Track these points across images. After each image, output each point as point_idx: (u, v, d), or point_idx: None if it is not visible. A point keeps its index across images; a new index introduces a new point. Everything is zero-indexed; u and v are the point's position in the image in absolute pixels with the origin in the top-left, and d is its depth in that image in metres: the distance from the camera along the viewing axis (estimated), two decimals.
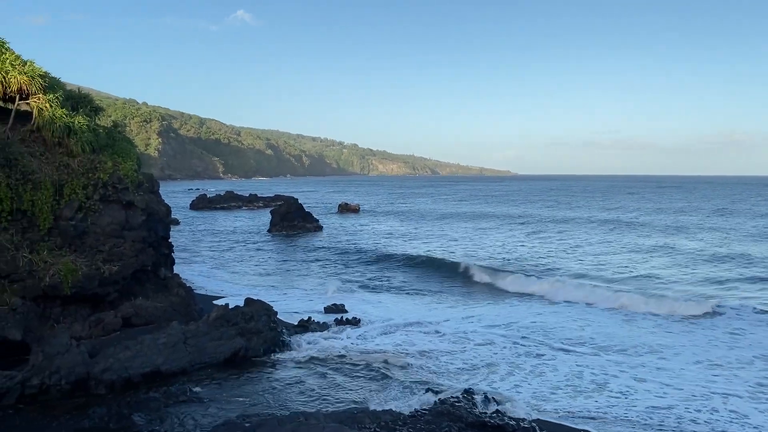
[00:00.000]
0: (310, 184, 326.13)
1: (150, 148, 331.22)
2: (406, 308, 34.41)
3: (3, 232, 24.32)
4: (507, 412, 18.33)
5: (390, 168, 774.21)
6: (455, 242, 65.96)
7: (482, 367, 23.46)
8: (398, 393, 20.54)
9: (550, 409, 19.32)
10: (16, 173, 24.78)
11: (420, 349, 25.92)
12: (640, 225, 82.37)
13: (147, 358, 21.53)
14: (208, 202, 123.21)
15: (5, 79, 26.32)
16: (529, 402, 19.82)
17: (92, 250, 25.85)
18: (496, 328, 29.64)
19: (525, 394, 20.55)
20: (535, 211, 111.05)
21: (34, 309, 23.76)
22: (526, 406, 19.39)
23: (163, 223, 30.16)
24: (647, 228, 78.30)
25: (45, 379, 19.73)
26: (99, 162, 26.90)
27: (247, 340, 24.03)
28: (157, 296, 28.22)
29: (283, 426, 15.38)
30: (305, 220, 79.58)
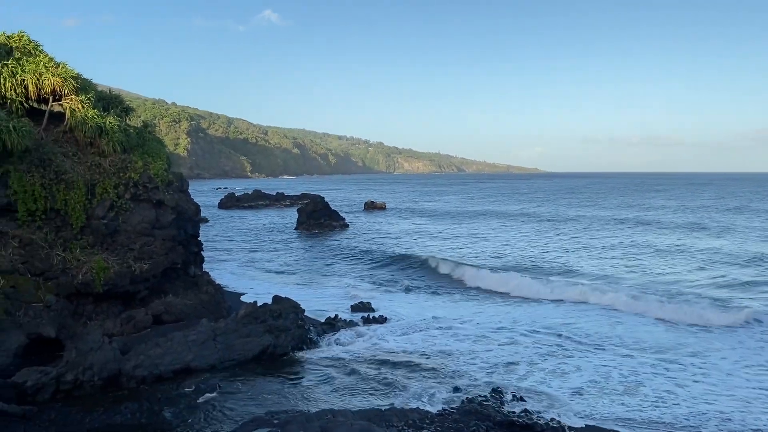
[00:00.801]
0: (336, 182, 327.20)
1: (179, 148, 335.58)
2: (433, 307, 34.31)
3: (37, 231, 24.87)
4: (535, 411, 18.19)
5: (416, 166, 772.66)
6: (480, 241, 65.59)
7: (509, 367, 23.29)
8: (425, 391, 20.50)
9: (580, 410, 19.11)
10: (50, 173, 25.32)
11: (446, 348, 25.85)
12: (667, 224, 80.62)
13: (177, 355, 21.84)
14: (236, 201, 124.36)
15: (39, 81, 26.89)
16: (559, 402, 19.65)
17: (123, 249, 26.30)
18: (522, 328, 29.41)
19: (553, 394, 20.37)
20: (561, 210, 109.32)
21: (67, 306, 24.26)
22: (555, 406, 19.23)
23: (193, 222, 30.53)
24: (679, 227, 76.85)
25: (79, 375, 20.13)
26: (130, 161, 27.33)
27: (275, 338, 24.21)
28: (187, 294, 28.60)
29: (311, 423, 15.46)
30: (331, 218, 79.89)
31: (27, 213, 24.63)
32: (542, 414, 17.99)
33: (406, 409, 17.80)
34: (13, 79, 26.52)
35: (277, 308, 25.79)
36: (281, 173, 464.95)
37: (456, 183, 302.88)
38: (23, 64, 27.03)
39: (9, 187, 24.26)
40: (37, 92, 27.20)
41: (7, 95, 26.53)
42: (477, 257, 52.44)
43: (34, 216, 24.81)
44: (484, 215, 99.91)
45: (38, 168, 25.17)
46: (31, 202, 24.66)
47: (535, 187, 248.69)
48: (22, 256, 24.05)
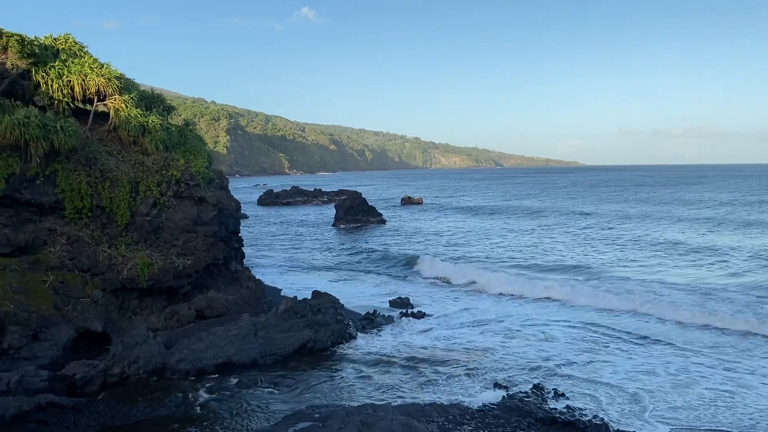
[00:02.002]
0: (372, 178, 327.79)
1: (219, 146, 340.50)
2: (472, 304, 34.09)
3: (84, 228, 25.57)
4: (578, 408, 17.92)
5: (453, 161, 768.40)
6: (519, 238, 64.92)
7: (550, 363, 23.00)
8: (465, 387, 20.40)
9: (624, 408, 18.76)
10: (96, 171, 25.99)
11: (487, 344, 25.68)
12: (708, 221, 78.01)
13: (219, 349, 22.19)
14: (275, 198, 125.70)
15: (84, 82, 27.60)
16: (602, 399, 19.33)
17: (167, 245, 26.83)
18: (563, 325, 29.03)
19: (596, 391, 20.03)
20: (601, 207, 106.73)
21: (113, 301, 24.89)
22: (598, 403, 18.92)
23: (233, 218, 30.96)
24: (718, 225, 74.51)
25: (125, 368, 20.64)
26: (172, 159, 27.85)
27: (315, 332, 24.40)
28: (228, 289, 29.03)
29: (351, 417, 15.53)
30: (369, 213, 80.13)
31: (74, 210, 25.34)
32: (585, 411, 17.72)
33: (446, 404, 17.75)
34: (60, 80, 27.27)
35: (317, 303, 25.99)
36: (318, 169, 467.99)
37: (494, 178, 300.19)
38: (69, 65, 27.77)
39: (57, 186, 24.99)
40: (82, 93, 27.92)
41: (55, 96, 27.30)
42: (514, 256, 51.93)
43: (81, 213, 25.51)
44: (523, 212, 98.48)
45: (84, 167, 25.86)
46: (78, 199, 25.36)
47: (574, 181, 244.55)
48: (70, 252, 24.76)
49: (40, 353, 21.28)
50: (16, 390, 18.10)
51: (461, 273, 41.06)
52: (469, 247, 55.74)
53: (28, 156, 24.34)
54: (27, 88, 27.57)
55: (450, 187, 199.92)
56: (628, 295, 33.89)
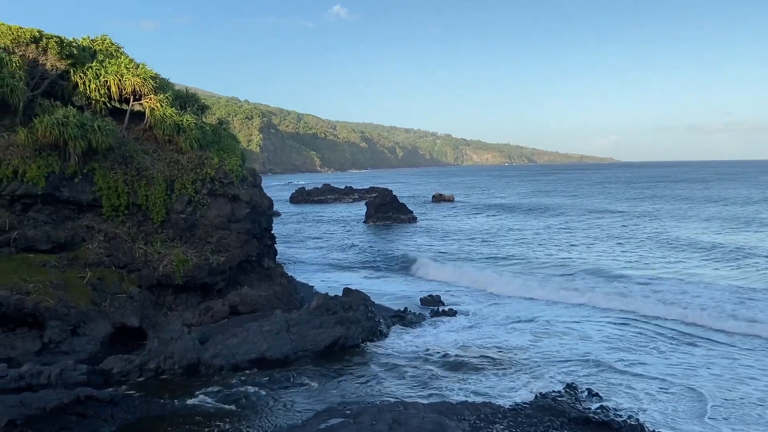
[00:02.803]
0: (403, 175, 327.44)
1: (252, 144, 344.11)
2: (504, 303, 33.82)
3: (121, 225, 26.10)
4: (612, 408, 17.66)
5: (484, 158, 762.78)
6: (548, 239, 64.19)
7: (584, 362, 22.70)
8: (497, 385, 20.27)
9: (660, 408, 18.42)
10: (132, 170, 26.51)
11: (519, 342, 25.48)
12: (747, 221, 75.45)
13: (253, 345, 22.44)
14: (307, 195, 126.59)
15: (121, 82, 28.15)
16: (636, 399, 19.00)
17: (201, 242, 27.23)
18: (597, 325, 28.63)
19: (631, 391, 19.70)
20: (634, 206, 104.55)
21: (149, 297, 25.37)
22: (633, 403, 18.61)
23: (266, 216, 31.27)
24: None
25: (160, 363, 21.02)
26: (206, 158, 28.24)
27: (346, 329, 24.50)
28: (261, 285, 29.34)
29: (382, 414, 15.55)
30: (399, 211, 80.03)
31: (111, 208, 25.88)
32: (620, 412, 17.45)
33: (478, 402, 17.65)
34: (97, 80, 27.87)
35: (348, 300, 26.09)
36: (349, 167, 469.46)
37: (526, 175, 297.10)
38: (106, 66, 28.34)
39: (95, 184, 25.56)
40: (119, 92, 28.50)
41: (92, 96, 27.92)
42: (545, 258, 51.39)
43: (118, 211, 26.04)
44: (555, 210, 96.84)
45: (121, 165, 26.39)
46: (115, 197, 25.89)
47: (609, 177, 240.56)
48: (107, 249, 25.31)
49: (79, 348, 21.82)
50: (56, 383, 18.60)
51: (492, 276, 40.46)
52: (501, 248, 55.22)
53: (66, 155, 24.94)
54: (66, 89, 28.26)
55: (482, 184, 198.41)
56: (658, 295, 33.26)
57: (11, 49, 26.62)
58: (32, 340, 21.44)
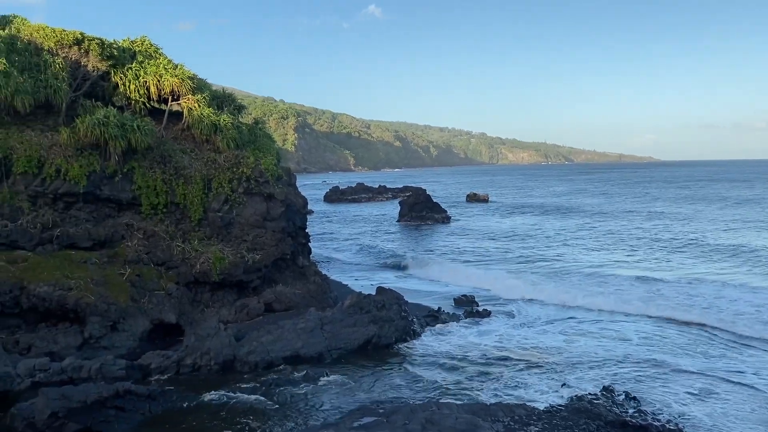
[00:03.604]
0: (437, 174, 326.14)
1: (287, 143, 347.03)
2: (539, 304, 33.37)
3: (159, 224, 26.59)
4: (650, 412, 17.30)
5: (520, 156, 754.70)
6: (588, 240, 63.20)
7: (621, 365, 22.28)
8: (532, 387, 20.05)
9: (699, 414, 17.97)
10: (170, 169, 26.98)
11: (554, 344, 25.16)
12: None
13: (287, 343, 22.62)
14: (341, 194, 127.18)
15: (159, 82, 28.67)
16: (675, 403, 18.56)
17: (237, 240, 27.56)
18: (634, 326, 28.09)
19: (670, 395, 19.25)
20: (673, 207, 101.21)
21: (186, 294, 25.79)
22: (672, 408, 18.20)
23: (301, 214, 31.49)
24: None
25: (197, 359, 21.35)
26: (242, 157, 28.57)
27: (380, 328, 24.51)
28: (296, 283, 29.56)
29: (416, 414, 15.52)
30: (433, 210, 79.72)
31: (150, 206, 26.39)
32: (658, 416, 17.08)
33: (512, 404, 17.48)
34: (137, 81, 28.44)
35: (381, 299, 26.09)
36: (383, 166, 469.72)
37: (563, 174, 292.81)
38: (145, 66, 28.90)
39: (134, 183, 26.09)
40: (157, 93, 29.03)
41: (132, 96, 28.51)
42: (584, 260, 50.60)
43: (156, 209, 26.54)
44: (591, 212, 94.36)
45: (160, 164, 26.89)
46: (154, 196, 26.39)
47: (647, 177, 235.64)
48: (146, 246, 25.81)
49: (119, 343, 22.32)
50: (96, 377, 19.05)
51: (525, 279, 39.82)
52: (535, 250, 54.36)
53: (107, 154, 25.51)
54: (106, 89, 28.91)
55: (517, 183, 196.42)
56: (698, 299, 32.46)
57: (55, 51, 27.35)
58: (74, 335, 22.00)
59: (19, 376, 18.61)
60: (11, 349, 20.97)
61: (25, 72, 25.23)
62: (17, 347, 21.19)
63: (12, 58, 25.20)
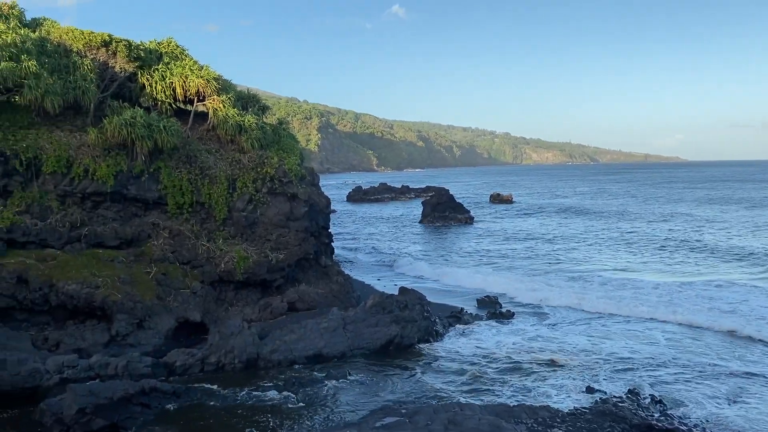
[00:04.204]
0: (461, 174, 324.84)
1: (310, 144, 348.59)
2: (564, 307, 33.01)
3: (185, 223, 26.89)
4: (677, 416, 17.04)
5: (545, 156, 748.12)
6: (613, 243, 62.41)
7: (647, 368, 21.96)
8: (555, 389, 19.87)
9: (730, 415, 17.64)
10: (196, 169, 27.27)
11: (579, 345, 24.90)
12: None
13: (310, 342, 22.73)
14: (363, 194, 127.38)
15: (185, 83, 28.99)
16: (703, 407, 18.23)
17: (261, 239, 27.76)
18: (661, 328, 27.68)
19: (697, 399, 18.92)
20: (699, 209, 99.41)
21: (211, 293, 26.04)
22: (700, 411, 17.89)
23: (324, 214, 31.61)
24: None
25: (221, 357, 21.55)
26: (266, 157, 28.77)
27: (402, 328, 24.49)
28: (319, 283, 29.68)
29: (438, 414, 15.48)
30: (456, 210, 79.30)
31: (176, 206, 26.70)
32: (686, 420, 16.81)
33: (536, 406, 17.35)
34: (163, 82, 28.79)
35: (404, 299, 26.06)
36: (406, 166, 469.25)
37: (588, 174, 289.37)
38: (171, 68, 29.24)
39: (160, 182, 26.42)
40: (183, 94, 29.35)
41: (158, 97, 28.86)
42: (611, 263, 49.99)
43: (182, 209, 26.84)
44: (618, 214, 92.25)
45: (185, 164, 27.20)
46: (179, 195, 26.70)
47: (674, 177, 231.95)
48: (172, 245, 26.12)
49: (144, 341, 22.61)
50: (122, 374, 19.33)
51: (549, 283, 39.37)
52: (559, 252, 53.86)
53: (134, 154, 25.87)
54: (133, 90, 29.33)
55: (542, 184, 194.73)
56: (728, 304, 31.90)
57: (83, 53, 27.80)
58: (101, 333, 22.35)
59: (48, 372, 18.96)
60: (41, 345, 21.38)
61: (54, 73, 25.68)
62: (46, 344, 21.60)
63: (42, 60, 25.68)
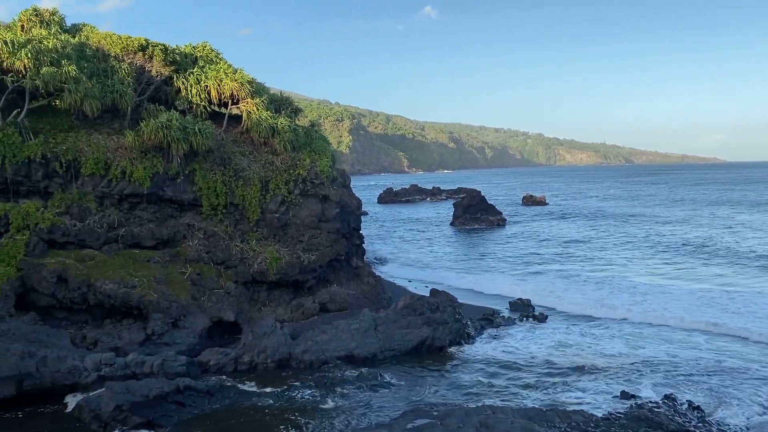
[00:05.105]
0: (492, 175, 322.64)
1: (342, 146, 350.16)
2: (597, 311, 32.50)
3: (219, 224, 27.26)
4: (715, 422, 16.65)
5: (578, 158, 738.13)
6: (649, 248, 61.23)
7: (685, 373, 21.49)
8: (589, 393, 19.59)
9: None
10: (230, 171, 27.65)
11: (614, 350, 24.52)
12: None
13: (341, 342, 22.82)
14: (394, 196, 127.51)
15: (220, 87, 29.40)
16: (744, 414, 17.78)
17: (293, 240, 28.00)
18: (701, 333, 27.10)
19: (739, 405, 18.46)
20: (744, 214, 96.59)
21: (244, 293, 26.34)
22: (739, 417, 17.45)
23: (355, 216, 31.73)
24: None
25: (254, 357, 21.78)
26: (299, 159, 29.02)
27: (434, 330, 24.42)
28: (350, 284, 29.80)
29: (470, 417, 15.40)
30: (488, 212, 78.55)
31: (210, 207, 27.09)
32: (723, 427, 16.41)
33: (569, 410, 17.12)
34: (198, 85, 29.25)
35: (435, 301, 26.00)
36: (437, 167, 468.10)
37: (623, 176, 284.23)
38: (206, 71, 29.69)
39: (195, 184, 26.84)
40: (218, 97, 29.78)
41: (193, 100, 29.33)
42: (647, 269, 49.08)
43: (216, 210, 27.23)
44: (655, 216, 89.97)
45: (219, 166, 27.58)
46: (214, 197, 27.08)
47: (716, 178, 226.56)
48: (206, 246, 26.51)
49: (179, 340, 22.97)
50: (158, 373, 19.66)
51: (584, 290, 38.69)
52: (595, 258, 52.81)
53: (170, 157, 26.33)
54: (169, 94, 29.87)
55: (575, 185, 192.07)
56: None
57: (121, 57, 28.41)
58: (137, 331, 22.77)
59: (87, 370, 19.40)
60: (79, 343, 21.89)
61: (93, 77, 26.30)
62: (85, 342, 22.11)
63: (81, 64, 26.31)
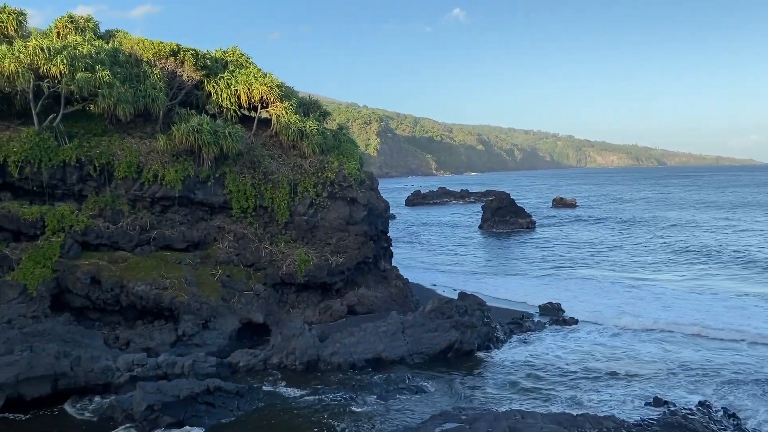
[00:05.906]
0: (522, 177, 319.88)
1: (370, 148, 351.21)
2: (628, 316, 31.90)
3: (248, 226, 27.55)
4: (751, 429, 16.24)
5: (610, 160, 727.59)
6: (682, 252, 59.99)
7: (720, 379, 21.01)
8: (621, 399, 19.27)
9: None
10: (259, 174, 27.93)
11: (646, 355, 24.08)
12: None
13: (369, 345, 22.84)
14: (422, 198, 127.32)
15: (249, 91, 29.72)
16: None
17: (321, 243, 28.14)
18: (734, 342, 26.47)
19: None
20: None
21: (273, 295, 26.55)
22: None
23: (383, 218, 31.75)
24: None
25: (283, 358, 21.93)
26: (327, 162, 29.18)
27: (462, 334, 24.27)
28: (377, 287, 29.83)
29: (499, 422, 15.26)
30: (517, 215, 77.46)
31: (240, 210, 27.39)
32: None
33: (600, 416, 16.85)
34: (228, 90, 29.61)
35: (463, 304, 25.85)
36: (465, 170, 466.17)
37: (656, 178, 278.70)
38: (236, 76, 30.04)
39: (225, 187, 27.16)
40: (247, 101, 30.13)
41: (224, 104, 29.71)
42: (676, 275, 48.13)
43: (246, 213, 27.51)
44: (688, 220, 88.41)
45: (249, 169, 27.88)
46: (244, 200, 27.37)
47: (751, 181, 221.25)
48: (236, 248, 26.80)
49: (210, 341, 23.24)
50: (188, 373, 19.93)
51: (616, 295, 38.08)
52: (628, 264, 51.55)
53: (200, 160, 26.69)
54: (200, 98, 30.29)
55: (606, 188, 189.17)
56: None
57: (153, 62, 28.89)
58: (168, 332, 23.11)
59: (119, 370, 19.74)
60: (112, 344, 22.29)
61: (126, 82, 26.79)
62: (117, 342, 22.50)
63: (115, 69, 26.82)
